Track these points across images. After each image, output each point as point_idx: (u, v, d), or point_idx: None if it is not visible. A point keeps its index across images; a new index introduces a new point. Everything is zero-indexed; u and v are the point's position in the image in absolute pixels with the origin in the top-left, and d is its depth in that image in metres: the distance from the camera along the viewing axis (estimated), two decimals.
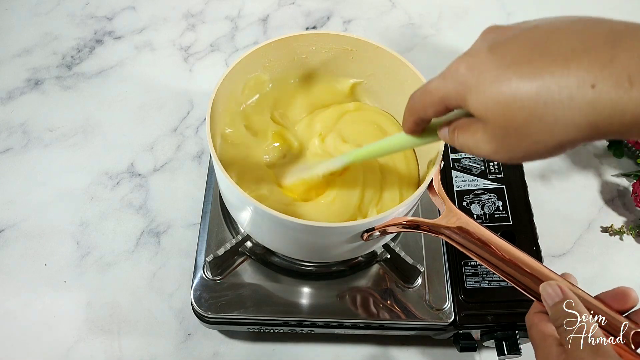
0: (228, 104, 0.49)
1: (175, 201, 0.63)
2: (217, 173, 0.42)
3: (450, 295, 0.50)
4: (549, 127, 0.24)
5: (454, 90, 0.28)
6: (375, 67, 0.50)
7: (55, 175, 0.65)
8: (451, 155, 0.58)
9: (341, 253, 0.45)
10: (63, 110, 0.70)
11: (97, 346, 0.54)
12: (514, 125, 0.25)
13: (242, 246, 0.52)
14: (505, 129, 0.26)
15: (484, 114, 0.26)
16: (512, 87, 0.24)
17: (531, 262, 0.35)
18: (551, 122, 0.24)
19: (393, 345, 0.55)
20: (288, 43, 0.48)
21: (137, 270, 0.58)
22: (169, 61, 0.76)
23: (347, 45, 0.49)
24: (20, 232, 0.61)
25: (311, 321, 0.50)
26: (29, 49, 0.76)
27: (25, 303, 0.56)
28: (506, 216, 0.54)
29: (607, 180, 0.67)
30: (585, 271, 0.60)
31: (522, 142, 0.26)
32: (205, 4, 0.82)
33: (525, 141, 0.25)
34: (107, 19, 0.80)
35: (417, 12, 0.83)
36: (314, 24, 0.81)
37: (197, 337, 0.55)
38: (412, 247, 0.52)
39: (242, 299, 0.50)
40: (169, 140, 0.68)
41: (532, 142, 0.25)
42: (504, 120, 0.25)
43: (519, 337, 0.49)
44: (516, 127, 0.25)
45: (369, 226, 0.39)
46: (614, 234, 0.62)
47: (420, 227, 0.39)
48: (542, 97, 0.24)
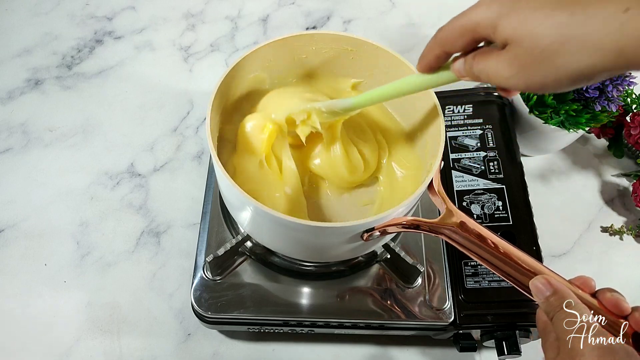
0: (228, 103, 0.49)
1: (175, 201, 0.63)
2: (217, 173, 0.42)
3: (450, 295, 0.50)
4: (575, 50, 0.25)
5: (487, 17, 0.28)
6: (375, 67, 0.50)
7: (55, 175, 0.65)
8: (451, 155, 0.58)
9: (341, 253, 0.45)
10: (63, 110, 0.70)
11: (97, 346, 0.54)
12: (540, 46, 0.26)
13: (242, 246, 0.52)
14: (530, 50, 0.26)
15: (511, 35, 0.27)
16: (545, 12, 0.25)
17: (531, 261, 0.35)
18: (578, 45, 0.24)
19: (393, 345, 0.55)
20: (288, 43, 0.48)
21: (137, 270, 0.58)
22: (169, 61, 0.76)
23: (347, 45, 0.49)
24: (20, 232, 0.61)
25: (311, 321, 0.50)
26: (29, 49, 0.76)
27: (25, 303, 0.56)
28: (506, 216, 0.54)
29: (607, 180, 0.67)
30: (585, 271, 0.59)
31: (544, 65, 0.26)
32: (205, 4, 0.82)
33: (547, 65, 0.26)
34: (107, 19, 0.80)
35: (417, 12, 0.83)
36: (314, 24, 0.81)
37: (197, 337, 0.55)
38: (412, 247, 0.52)
39: (242, 299, 0.50)
40: (169, 140, 0.68)
41: (553, 66, 0.26)
42: (531, 41, 0.26)
43: (519, 337, 0.49)
44: (542, 49, 0.26)
45: (368, 226, 0.39)
46: (614, 234, 0.62)
47: (420, 227, 0.39)
48: (574, 21, 0.24)
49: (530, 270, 0.35)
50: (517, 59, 0.27)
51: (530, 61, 0.26)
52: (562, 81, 0.26)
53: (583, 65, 0.25)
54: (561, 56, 0.25)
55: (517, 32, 0.26)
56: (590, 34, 0.24)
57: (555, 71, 0.26)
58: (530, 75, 0.27)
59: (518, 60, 0.27)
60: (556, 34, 0.25)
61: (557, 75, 0.26)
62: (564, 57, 0.25)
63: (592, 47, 0.24)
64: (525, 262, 0.35)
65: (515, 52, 0.27)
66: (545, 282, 0.33)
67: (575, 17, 0.24)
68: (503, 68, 0.28)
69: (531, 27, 0.26)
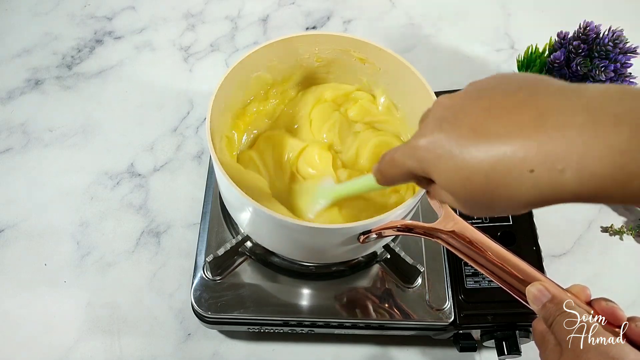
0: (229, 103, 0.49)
1: (175, 201, 0.63)
2: (217, 173, 0.42)
3: (450, 295, 0.50)
4: (506, 200, 0.25)
5: (417, 168, 0.29)
6: (376, 68, 0.50)
7: (55, 175, 0.65)
8: None
9: (339, 254, 0.45)
10: (63, 110, 0.70)
11: (97, 346, 0.54)
12: (475, 196, 0.27)
13: (242, 246, 0.52)
14: (469, 198, 0.27)
15: (448, 188, 0.28)
16: (465, 164, 0.26)
17: (527, 269, 0.35)
18: (506, 197, 0.25)
19: (393, 345, 0.55)
20: (291, 43, 0.48)
21: (137, 270, 0.58)
22: (169, 61, 0.76)
23: (349, 45, 0.49)
24: (20, 232, 0.61)
25: (311, 321, 0.50)
26: (29, 49, 0.76)
27: (25, 303, 0.56)
28: (506, 216, 0.54)
29: None
30: (585, 271, 0.60)
31: (488, 209, 0.27)
32: (205, 4, 0.82)
33: (491, 209, 0.27)
34: (107, 19, 0.80)
35: (417, 12, 0.83)
36: (314, 24, 0.81)
37: (197, 337, 0.55)
38: (412, 247, 0.52)
39: (242, 299, 0.50)
40: (169, 140, 0.68)
41: (496, 210, 0.27)
42: (467, 193, 0.27)
43: (519, 337, 0.49)
44: (479, 200, 0.27)
45: (365, 228, 0.39)
46: (614, 234, 0.62)
47: (416, 230, 0.39)
48: (492, 176, 0.25)
49: (527, 278, 0.35)
50: (466, 205, 0.28)
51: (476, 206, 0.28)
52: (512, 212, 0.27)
53: (521, 206, 0.26)
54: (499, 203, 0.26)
55: (453, 185, 0.27)
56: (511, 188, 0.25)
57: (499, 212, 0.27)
58: (482, 212, 0.28)
59: (466, 205, 0.28)
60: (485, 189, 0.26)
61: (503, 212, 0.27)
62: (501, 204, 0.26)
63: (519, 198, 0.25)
64: (523, 270, 0.35)
65: (460, 200, 0.28)
66: (543, 288, 0.33)
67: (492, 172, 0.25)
68: (450, 201, 0.29)
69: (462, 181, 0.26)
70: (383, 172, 0.33)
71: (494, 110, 0.26)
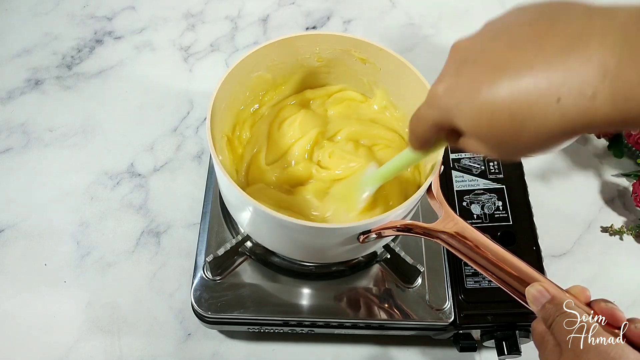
0: (230, 103, 0.49)
1: (175, 201, 0.63)
2: (217, 173, 0.42)
3: (450, 295, 0.50)
4: (534, 135, 0.24)
5: (440, 116, 0.28)
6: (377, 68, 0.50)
7: (55, 175, 0.65)
8: (451, 155, 0.58)
9: (339, 254, 0.45)
10: (63, 110, 0.70)
11: (97, 346, 0.54)
12: (502, 136, 0.26)
13: (242, 246, 0.52)
14: (497, 139, 0.26)
15: (473, 132, 0.27)
16: (487, 103, 0.25)
17: (527, 269, 0.35)
18: (534, 131, 0.24)
19: (393, 345, 0.55)
20: (292, 43, 0.48)
21: (137, 270, 0.58)
22: (169, 61, 0.76)
23: (349, 45, 0.49)
24: (20, 232, 0.61)
25: (311, 321, 0.50)
26: (29, 49, 0.76)
27: (25, 303, 0.56)
28: (506, 216, 0.54)
29: (607, 180, 0.67)
30: (585, 271, 0.60)
31: (517, 149, 0.26)
32: (205, 4, 0.82)
33: (520, 148, 0.26)
34: (107, 19, 0.80)
35: (417, 12, 0.83)
36: (314, 24, 0.81)
37: (197, 337, 0.55)
38: (412, 247, 0.52)
39: (242, 299, 0.50)
40: (169, 140, 0.68)
41: (526, 149, 0.26)
42: (493, 134, 0.26)
43: (519, 337, 0.49)
44: (507, 140, 0.26)
45: (364, 228, 0.39)
46: (614, 234, 0.62)
47: (415, 230, 0.39)
48: (517, 112, 0.24)
49: (527, 278, 0.35)
50: (490, 146, 0.27)
51: (503, 145, 0.26)
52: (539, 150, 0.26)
53: (547, 140, 0.25)
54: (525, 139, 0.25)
55: (477, 127, 0.26)
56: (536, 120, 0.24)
57: (526, 151, 0.26)
58: (508, 153, 0.27)
59: (491, 146, 0.27)
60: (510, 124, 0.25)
61: (529, 151, 0.26)
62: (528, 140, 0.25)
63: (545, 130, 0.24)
64: (522, 270, 0.35)
65: (485, 141, 0.27)
66: (542, 289, 0.33)
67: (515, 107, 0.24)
68: (479, 147, 0.28)
69: (486, 121, 0.25)
70: (413, 131, 0.32)
71: (514, 44, 0.25)
